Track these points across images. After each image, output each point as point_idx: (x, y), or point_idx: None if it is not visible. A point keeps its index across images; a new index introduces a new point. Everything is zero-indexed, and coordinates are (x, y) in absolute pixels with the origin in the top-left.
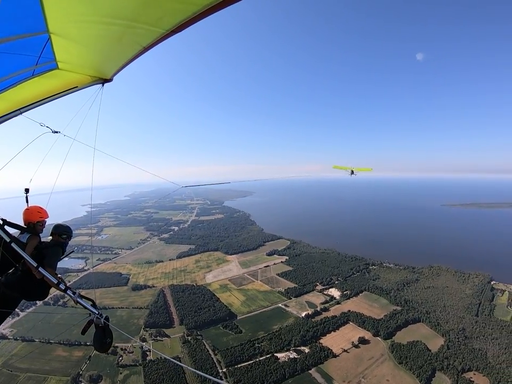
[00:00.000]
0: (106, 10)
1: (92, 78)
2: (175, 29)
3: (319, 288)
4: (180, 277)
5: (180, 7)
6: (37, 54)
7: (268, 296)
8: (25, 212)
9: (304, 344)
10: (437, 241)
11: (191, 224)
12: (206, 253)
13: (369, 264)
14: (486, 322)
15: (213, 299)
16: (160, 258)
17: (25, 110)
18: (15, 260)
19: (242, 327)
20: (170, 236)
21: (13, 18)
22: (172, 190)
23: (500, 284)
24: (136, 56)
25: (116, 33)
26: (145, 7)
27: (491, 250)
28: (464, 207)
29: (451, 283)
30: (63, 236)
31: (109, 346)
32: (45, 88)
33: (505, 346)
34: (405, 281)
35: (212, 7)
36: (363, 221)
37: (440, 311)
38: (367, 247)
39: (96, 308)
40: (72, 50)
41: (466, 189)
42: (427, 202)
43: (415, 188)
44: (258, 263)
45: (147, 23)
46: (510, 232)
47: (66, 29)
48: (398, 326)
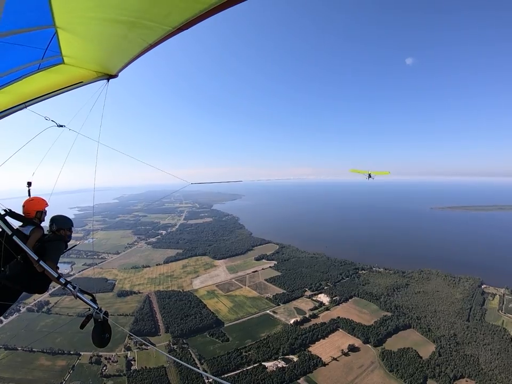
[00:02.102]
0: (113, 6)
1: (97, 74)
2: (181, 26)
3: (308, 294)
4: (166, 283)
5: (187, 5)
6: (43, 48)
7: (256, 302)
8: (31, 202)
9: (293, 353)
10: (426, 245)
11: (179, 228)
12: (194, 257)
13: (359, 269)
14: (477, 328)
15: (199, 306)
16: (147, 263)
17: (30, 104)
18: (16, 251)
19: (230, 335)
20: (157, 240)
21: (20, 11)
22: (181, 187)
23: (491, 287)
24: (141, 53)
25: (122, 29)
26: (152, 4)
27: (481, 254)
28: (452, 210)
29: (441, 287)
30: (67, 229)
31: (108, 341)
32: (50, 82)
33: (497, 352)
34: (395, 286)
35: (219, 5)
36: (352, 224)
37: (431, 317)
38: (357, 251)
39: (95, 303)
40: (78, 45)
41: (454, 192)
42: (416, 205)
43: (403, 190)
44: (247, 268)
45: (153, 20)
46: (499, 235)
47: (72, 23)
48: (388, 332)
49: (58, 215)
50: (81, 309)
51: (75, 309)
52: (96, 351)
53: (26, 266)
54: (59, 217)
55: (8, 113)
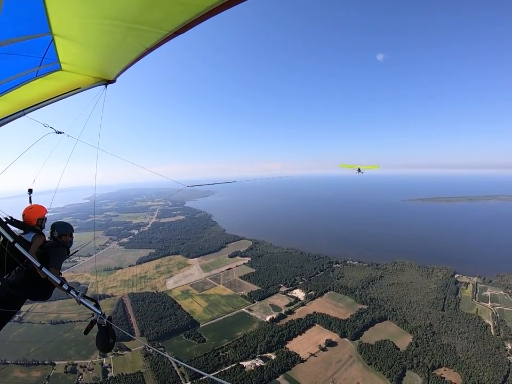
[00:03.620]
0: (109, 11)
1: (95, 79)
2: (178, 30)
3: (283, 289)
4: (140, 284)
5: (183, 9)
6: (41, 55)
7: (231, 300)
8: (31, 210)
9: (270, 350)
10: (399, 237)
11: (152, 227)
12: (167, 257)
13: (333, 263)
14: (452, 317)
15: (174, 307)
16: (120, 265)
17: (29, 111)
18: (19, 258)
19: (206, 336)
20: (130, 240)
21: (17, 19)
22: (176, 190)
23: (464, 276)
24: (139, 58)
25: (119, 34)
26: (148, 9)
27: (452, 244)
28: (423, 202)
29: (415, 278)
30: (68, 235)
31: (112, 346)
32: (48, 89)
33: (473, 340)
34: (370, 279)
35: (215, 8)
36: (325, 218)
37: (406, 308)
38: (330, 245)
39: (99, 308)
40: (75, 52)
41: (424, 184)
42: (388, 198)
43: (374, 183)
44: (221, 265)
45: (150, 25)
46: (469, 225)
47: (69, 30)
48: (365, 325)
49: (59, 222)
50: (53, 316)
51: (47, 317)
52: (71, 359)
53: (30, 273)
54: (60, 223)
55: (7, 121)
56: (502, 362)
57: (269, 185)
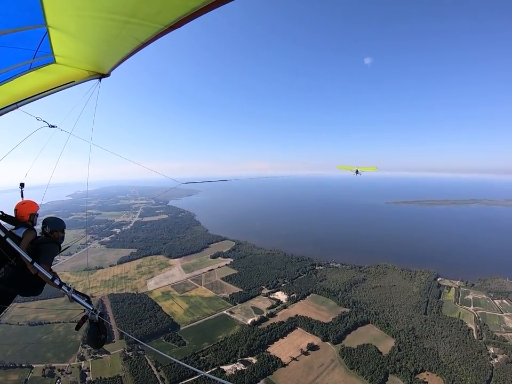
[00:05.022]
0: (105, 4)
1: (89, 73)
2: (174, 24)
3: (265, 291)
4: (120, 285)
5: (179, 3)
6: (35, 47)
7: (212, 302)
8: (24, 205)
9: (251, 354)
10: (382, 239)
11: (134, 226)
12: (148, 257)
13: (316, 265)
14: (435, 320)
15: (154, 308)
16: (100, 265)
17: (22, 104)
18: (9, 254)
19: (186, 339)
20: (111, 239)
21: (11, 10)
22: (171, 187)
23: (446, 280)
24: (134, 52)
25: (114, 28)
26: (144, 2)
27: (435, 247)
28: (407, 205)
29: (398, 281)
30: (60, 231)
31: (103, 342)
32: (42, 82)
33: (456, 344)
34: (352, 281)
35: (211, 3)
36: (309, 220)
37: (389, 311)
38: (314, 246)
39: (90, 304)
40: (70, 45)
41: (408, 187)
42: (371, 200)
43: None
44: (202, 266)
45: (145, 18)
46: (452, 228)
47: (64, 22)
48: (347, 329)
49: (51, 217)
50: (31, 317)
51: (25, 318)
52: (48, 362)
53: (20, 269)
54: (52, 219)
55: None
56: (484, 367)
57: (254, 185)
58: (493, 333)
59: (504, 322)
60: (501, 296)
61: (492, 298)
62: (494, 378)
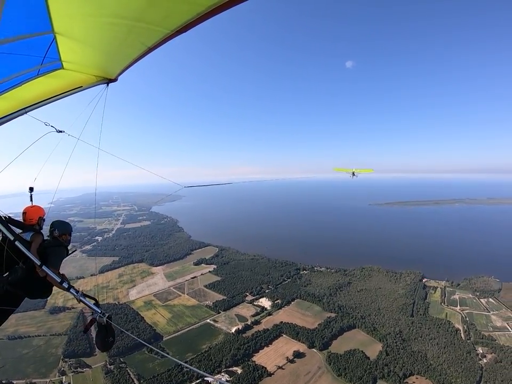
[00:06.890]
0: (111, 10)
1: (96, 78)
2: (180, 29)
3: (249, 298)
4: (101, 295)
5: (185, 8)
6: (42, 54)
7: (196, 311)
8: (33, 208)
9: (236, 364)
10: (366, 242)
11: (116, 233)
12: (130, 265)
13: (300, 269)
14: (422, 322)
15: (136, 319)
16: (81, 274)
17: (30, 109)
18: (18, 257)
19: (169, 349)
20: (93, 247)
21: (18, 18)
22: (174, 191)
23: (432, 280)
24: (141, 56)
25: (121, 33)
26: (151, 7)
27: (420, 247)
28: (390, 206)
29: (383, 284)
30: (67, 234)
31: (111, 345)
32: (50, 87)
33: (444, 346)
34: (337, 285)
35: (216, 8)
36: (292, 223)
37: (375, 315)
38: (298, 251)
39: (99, 307)
40: (77, 50)
41: (391, 188)
42: (355, 202)
43: (342, 187)
44: (185, 273)
45: (152, 23)
46: (436, 228)
47: (71, 28)
48: (333, 334)
49: (58, 221)
50: (11, 331)
51: (5, 332)
52: (29, 378)
53: (29, 272)
54: (60, 222)
55: (8, 119)
56: (474, 367)
57: (238, 190)
58: (481, 332)
59: (491, 321)
60: (487, 295)
61: (478, 297)
62: (484, 379)
